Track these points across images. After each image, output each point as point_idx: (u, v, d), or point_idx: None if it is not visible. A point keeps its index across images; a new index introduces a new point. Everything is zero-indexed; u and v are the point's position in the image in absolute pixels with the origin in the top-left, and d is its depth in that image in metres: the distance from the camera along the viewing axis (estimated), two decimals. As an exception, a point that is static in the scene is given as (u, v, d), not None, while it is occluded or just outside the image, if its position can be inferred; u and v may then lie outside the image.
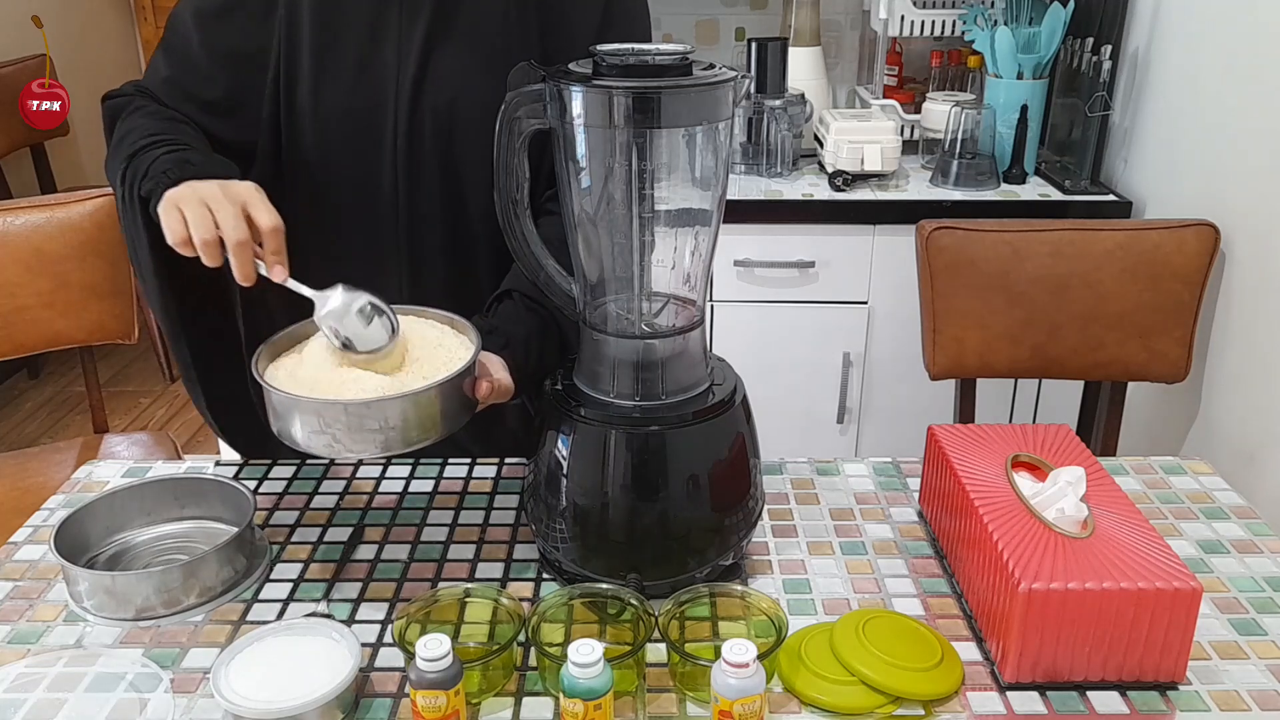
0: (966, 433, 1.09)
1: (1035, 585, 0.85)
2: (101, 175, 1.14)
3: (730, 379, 1.03)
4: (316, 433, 0.90)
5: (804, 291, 2.20)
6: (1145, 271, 1.65)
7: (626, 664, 0.87)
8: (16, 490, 1.77)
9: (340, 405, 0.90)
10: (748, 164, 2.32)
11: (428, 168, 1.17)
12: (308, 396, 0.91)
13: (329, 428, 0.90)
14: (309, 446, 0.92)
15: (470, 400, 0.98)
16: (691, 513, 0.97)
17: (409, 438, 0.92)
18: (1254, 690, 0.89)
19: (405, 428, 0.91)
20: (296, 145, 1.17)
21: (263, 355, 0.98)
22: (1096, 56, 2.11)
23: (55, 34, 3.52)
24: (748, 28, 2.65)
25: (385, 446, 0.91)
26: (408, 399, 0.91)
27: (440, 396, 0.93)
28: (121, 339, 1.84)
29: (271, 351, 1.00)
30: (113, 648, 0.95)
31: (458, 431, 0.96)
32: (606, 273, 1.01)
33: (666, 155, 0.95)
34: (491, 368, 1.02)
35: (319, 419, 0.90)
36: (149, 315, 3.23)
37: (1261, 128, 1.66)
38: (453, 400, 0.95)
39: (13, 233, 1.75)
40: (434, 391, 0.92)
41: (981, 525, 0.94)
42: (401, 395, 0.91)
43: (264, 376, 0.95)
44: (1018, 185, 2.24)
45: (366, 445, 0.90)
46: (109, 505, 1.07)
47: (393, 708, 0.88)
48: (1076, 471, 0.96)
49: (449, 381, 0.93)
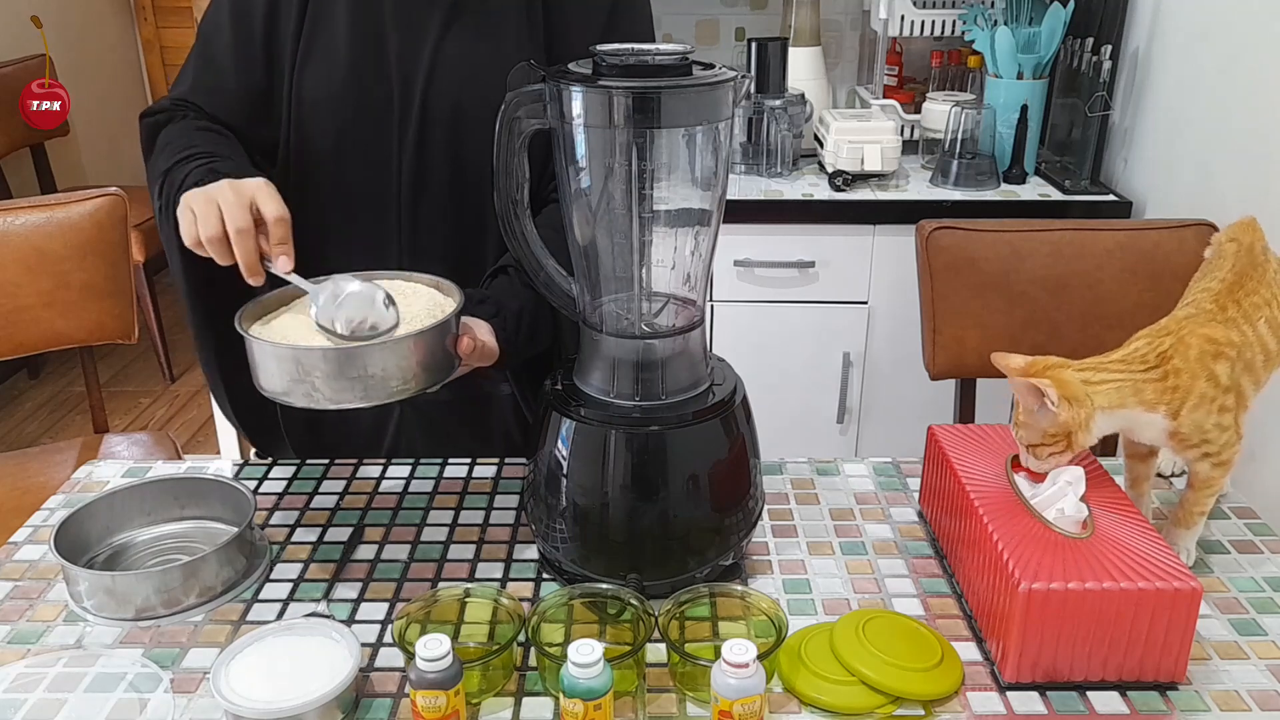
0: (967, 433, 1.09)
1: (1035, 585, 0.85)
2: (101, 175, 1.16)
3: (730, 379, 1.03)
4: (296, 381, 0.91)
5: (804, 291, 2.20)
6: (1145, 271, 1.65)
7: (626, 664, 0.87)
8: (16, 490, 1.77)
9: (318, 351, 0.91)
10: (748, 164, 2.32)
11: (435, 160, 1.17)
12: (286, 344, 0.92)
13: (308, 375, 0.90)
14: (289, 397, 0.92)
15: (451, 355, 0.98)
16: (691, 513, 0.97)
17: (390, 388, 0.92)
18: (1254, 690, 0.89)
19: (385, 377, 0.92)
20: (305, 135, 1.18)
21: (249, 312, 0.99)
22: (1096, 56, 2.11)
23: (55, 34, 3.52)
24: (748, 28, 2.65)
25: (365, 396, 0.91)
26: (387, 346, 0.92)
27: (419, 346, 0.94)
28: (121, 339, 1.84)
29: (260, 310, 1.01)
30: (113, 648, 0.95)
31: (454, 433, 0.97)
32: (606, 273, 1.01)
33: (666, 155, 0.95)
34: (477, 330, 1.03)
35: (297, 366, 0.91)
36: (149, 315, 3.25)
37: (1261, 128, 1.66)
38: (433, 352, 0.96)
39: (13, 233, 1.74)
40: (412, 340, 0.93)
41: (981, 525, 0.94)
42: (381, 343, 0.92)
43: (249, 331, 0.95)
44: (1018, 185, 2.25)
45: (346, 394, 0.91)
46: (109, 505, 1.08)
47: (393, 708, 0.88)
48: (1076, 471, 0.96)
49: (428, 330, 0.95)
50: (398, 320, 0.97)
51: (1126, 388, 0.95)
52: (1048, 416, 0.93)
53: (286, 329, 0.97)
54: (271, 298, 1.02)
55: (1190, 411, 0.95)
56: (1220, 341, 0.96)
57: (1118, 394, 0.95)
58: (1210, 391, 0.95)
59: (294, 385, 0.91)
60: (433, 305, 1.01)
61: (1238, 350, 0.96)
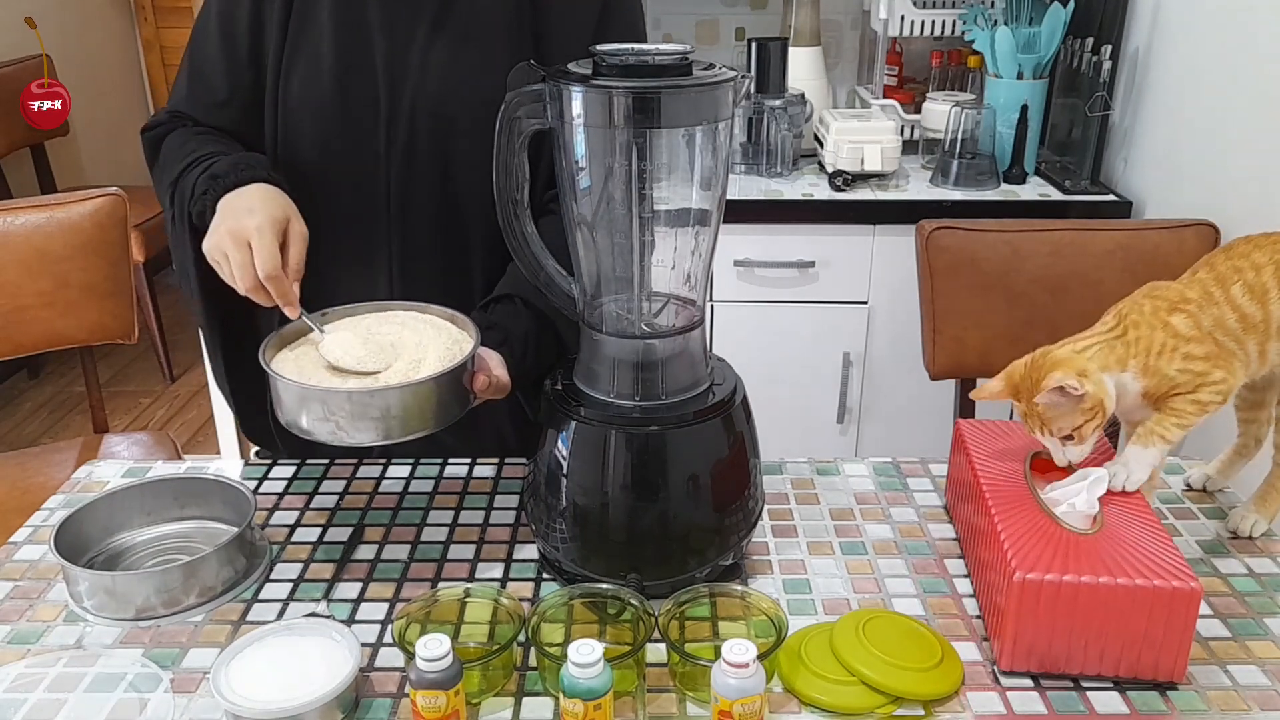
0: (992, 429, 1.11)
1: (1030, 575, 0.86)
2: (101, 175, 1.17)
3: (730, 379, 1.03)
4: (321, 420, 0.94)
5: (804, 291, 2.20)
6: (1145, 271, 1.64)
7: (626, 664, 0.87)
8: (16, 490, 1.77)
9: (344, 393, 0.94)
10: (748, 164, 2.32)
11: (423, 166, 1.17)
12: (314, 385, 0.95)
13: (333, 415, 0.94)
14: (313, 434, 0.95)
15: (467, 393, 1.00)
16: (691, 513, 0.97)
17: (408, 426, 0.96)
18: (1254, 690, 0.89)
19: (405, 417, 0.95)
20: (292, 142, 1.18)
21: (271, 344, 1.02)
22: (1096, 56, 2.11)
23: (55, 34, 3.52)
24: (748, 28, 2.65)
25: (385, 434, 0.95)
26: (408, 389, 0.95)
27: (439, 388, 0.97)
28: (121, 339, 1.84)
29: (280, 342, 1.03)
30: (113, 648, 0.95)
31: (449, 434, 0.98)
32: (606, 273, 1.01)
33: (666, 155, 0.95)
34: (490, 364, 1.04)
35: (324, 407, 0.94)
36: (149, 315, 3.25)
37: (1261, 127, 1.66)
38: (450, 392, 0.98)
39: (13, 233, 1.74)
40: (433, 383, 0.96)
41: (990, 518, 0.94)
42: (402, 385, 0.95)
43: (271, 365, 0.98)
44: (1018, 185, 2.25)
45: (367, 433, 0.94)
46: (109, 505, 1.08)
47: (393, 708, 0.88)
48: (1099, 472, 0.97)
49: (449, 373, 0.97)
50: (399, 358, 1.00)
51: (1104, 350, 0.97)
52: (1073, 401, 0.95)
53: (306, 363, 1.00)
54: (291, 330, 1.04)
55: (1153, 360, 0.96)
56: (1172, 299, 0.99)
57: (1100, 356, 0.97)
58: (1170, 341, 0.96)
59: (318, 424, 0.95)
60: (451, 343, 1.02)
61: (1198, 305, 0.98)
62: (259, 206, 1.02)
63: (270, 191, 1.05)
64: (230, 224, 1.00)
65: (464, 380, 0.99)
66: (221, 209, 1.04)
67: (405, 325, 1.05)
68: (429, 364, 0.98)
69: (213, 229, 1.02)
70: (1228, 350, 0.97)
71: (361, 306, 1.08)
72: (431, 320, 1.06)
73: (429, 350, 1.00)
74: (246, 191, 1.05)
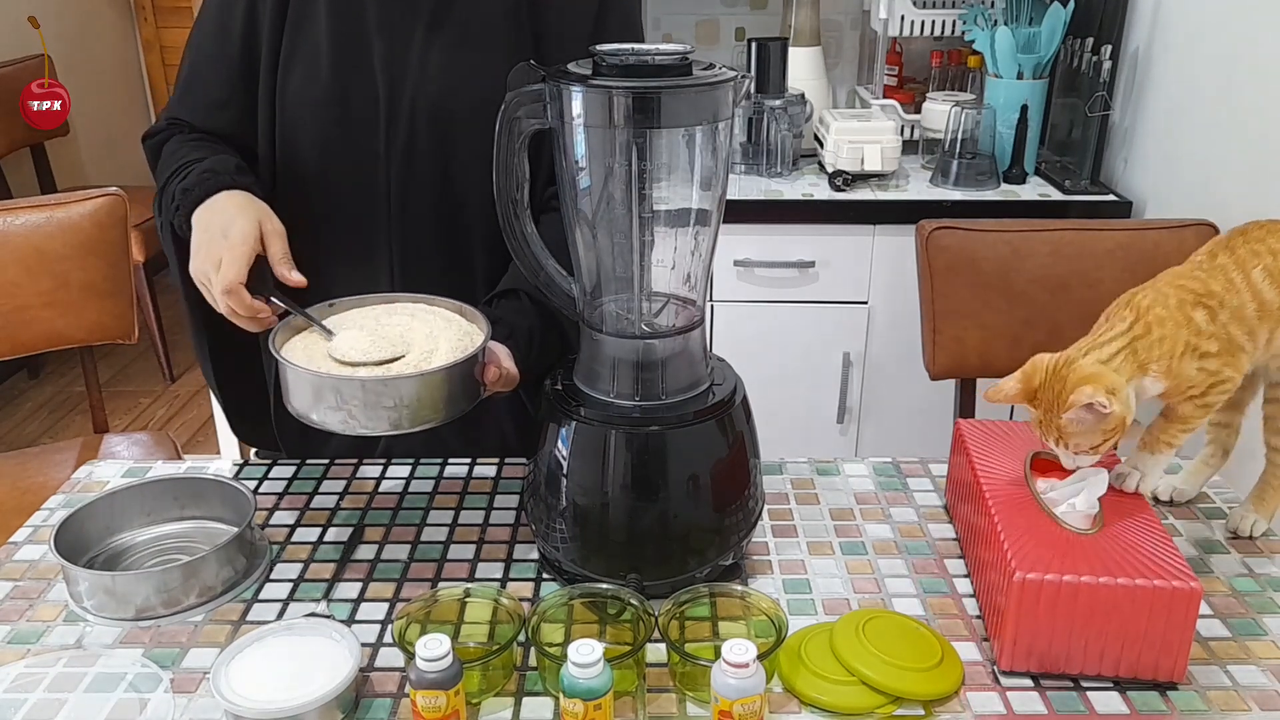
0: (992, 429, 1.11)
1: (1030, 575, 0.86)
2: (101, 175, 1.18)
3: (730, 379, 1.03)
4: (333, 409, 0.94)
5: (804, 291, 2.20)
6: (1145, 271, 1.63)
7: (626, 664, 0.87)
8: (16, 490, 1.76)
9: (358, 382, 0.93)
10: (748, 164, 2.32)
11: (422, 166, 1.17)
12: (327, 373, 0.94)
13: (345, 404, 0.93)
14: (324, 422, 0.95)
15: (477, 385, 1.00)
16: (691, 513, 0.97)
17: (419, 417, 0.95)
18: (1254, 690, 0.89)
19: (417, 406, 0.94)
20: (291, 144, 1.18)
21: (280, 332, 1.01)
22: (1096, 56, 2.11)
23: (55, 34, 3.52)
24: (748, 28, 2.65)
25: (396, 424, 0.94)
26: (421, 378, 0.94)
27: (452, 378, 0.96)
28: (121, 339, 1.84)
29: (289, 330, 1.03)
30: (113, 648, 0.95)
31: (446, 433, 0.98)
32: (606, 273, 1.01)
33: (666, 155, 0.95)
34: (500, 356, 1.04)
35: (337, 395, 0.93)
36: (149, 315, 3.25)
37: (1261, 127, 1.66)
38: (461, 383, 0.98)
39: (13, 233, 1.74)
40: (446, 373, 0.95)
41: (990, 518, 0.94)
42: (417, 374, 0.94)
43: (281, 352, 0.97)
44: (1018, 185, 2.24)
45: (380, 422, 0.94)
46: (109, 505, 1.07)
47: (393, 708, 0.88)
48: (1100, 473, 0.97)
49: (462, 364, 0.96)
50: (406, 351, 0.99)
51: (1128, 358, 0.94)
52: (1098, 417, 0.93)
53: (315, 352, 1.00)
54: (300, 318, 1.04)
55: (1176, 363, 0.95)
56: (1198, 290, 0.97)
57: (1126, 367, 0.94)
58: (1193, 340, 0.95)
59: (329, 413, 0.94)
60: (461, 335, 1.02)
61: (1219, 300, 0.96)
62: (230, 221, 1.02)
63: (238, 199, 1.05)
64: (206, 248, 1.01)
65: (475, 372, 0.99)
66: (196, 225, 1.04)
67: (415, 316, 1.05)
68: (441, 355, 0.98)
69: (193, 250, 1.03)
70: (1236, 345, 0.96)
71: (370, 298, 1.08)
72: (440, 312, 1.06)
73: (441, 341, 1.00)
74: (216, 203, 1.05)
